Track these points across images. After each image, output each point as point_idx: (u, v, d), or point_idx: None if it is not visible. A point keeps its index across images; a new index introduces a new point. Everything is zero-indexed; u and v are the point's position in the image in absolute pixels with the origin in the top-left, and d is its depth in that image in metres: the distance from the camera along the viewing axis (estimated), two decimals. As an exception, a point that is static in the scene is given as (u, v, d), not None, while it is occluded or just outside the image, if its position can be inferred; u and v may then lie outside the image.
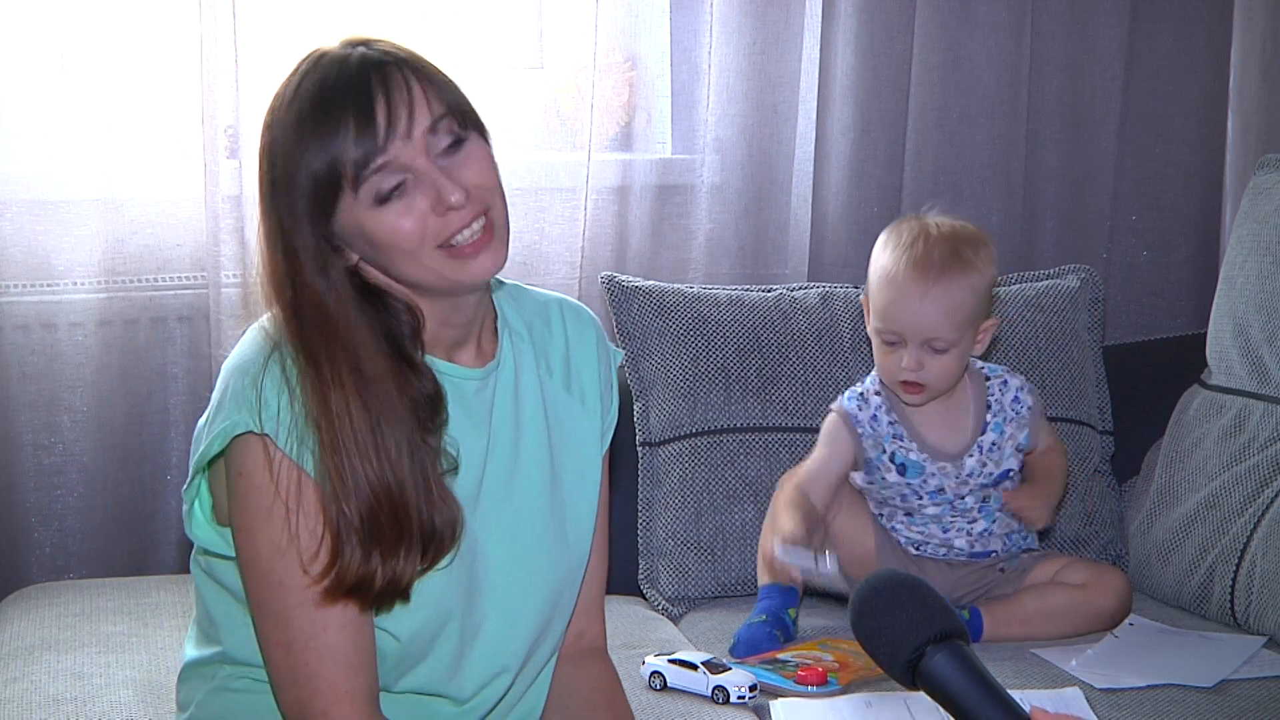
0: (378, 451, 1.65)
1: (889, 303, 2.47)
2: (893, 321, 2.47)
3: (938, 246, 2.46)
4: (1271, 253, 2.70)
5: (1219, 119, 3.26)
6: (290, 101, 1.67)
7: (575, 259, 3.02)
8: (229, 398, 1.68)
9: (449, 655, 1.78)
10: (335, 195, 1.64)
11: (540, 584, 1.84)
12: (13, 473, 2.81)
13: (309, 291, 1.67)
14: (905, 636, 1.31)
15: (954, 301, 2.45)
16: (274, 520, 1.66)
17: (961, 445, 2.53)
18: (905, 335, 2.47)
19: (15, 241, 2.77)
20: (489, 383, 1.81)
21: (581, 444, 1.90)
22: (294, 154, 1.65)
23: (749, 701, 2.25)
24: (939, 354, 2.47)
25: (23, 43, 2.75)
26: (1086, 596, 2.54)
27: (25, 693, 2.18)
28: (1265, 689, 2.31)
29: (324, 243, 1.67)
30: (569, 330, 1.91)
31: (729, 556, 2.70)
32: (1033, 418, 2.57)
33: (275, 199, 1.67)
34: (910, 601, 1.33)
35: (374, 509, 1.65)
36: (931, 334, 2.46)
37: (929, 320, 2.45)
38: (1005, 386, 2.57)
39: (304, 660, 1.68)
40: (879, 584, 1.35)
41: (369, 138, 1.63)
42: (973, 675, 1.29)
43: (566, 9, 3.04)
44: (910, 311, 2.45)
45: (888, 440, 2.53)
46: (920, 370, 2.47)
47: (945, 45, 3.15)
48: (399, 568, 1.67)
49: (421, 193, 1.65)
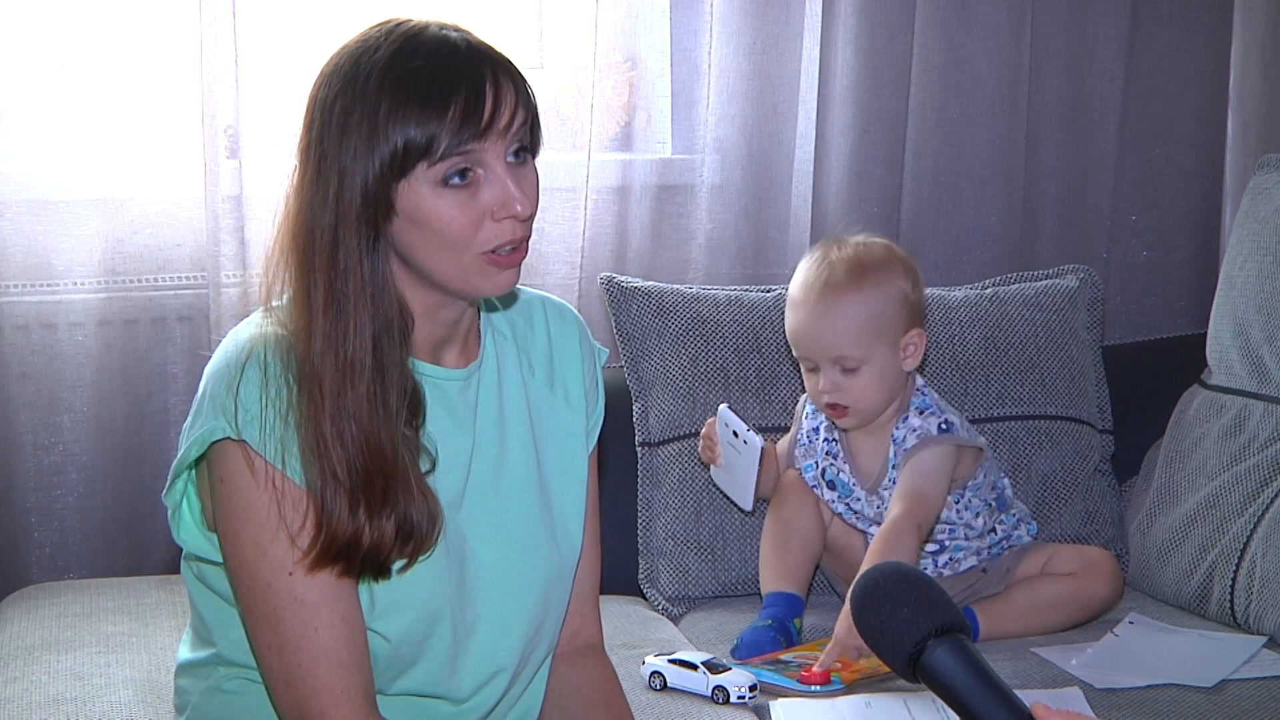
0: (379, 410, 1.66)
1: (793, 326, 2.51)
2: (799, 345, 2.50)
3: (836, 267, 2.47)
4: (1271, 253, 2.70)
5: (1219, 119, 3.26)
6: (390, 61, 1.64)
7: (575, 259, 3.02)
8: (207, 402, 1.69)
9: (443, 656, 1.78)
10: (414, 164, 1.64)
11: (532, 582, 1.84)
12: (13, 473, 2.81)
13: (345, 242, 1.65)
14: (907, 630, 1.31)
15: (852, 318, 2.45)
16: (257, 523, 1.67)
17: (878, 476, 2.53)
18: (814, 357, 2.48)
19: (15, 241, 2.77)
20: (471, 383, 1.81)
21: (566, 441, 1.90)
22: (390, 111, 1.62)
23: (749, 701, 2.25)
24: (852, 373, 2.46)
25: (23, 43, 2.75)
26: (1077, 584, 2.54)
27: (25, 693, 2.18)
28: (1266, 689, 2.31)
29: (383, 202, 1.65)
30: (551, 328, 1.91)
31: (729, 556, 2.70)
32: (904, 460, 2.47)
33: (346, 147, 1.64)
34: (912, 595, 1.33)
35: (366, 465, 1.65)
36: (835, 352, 2.46)
37: (828, 338, 2.46)
38: (905, 422, 2.50)
39: (297, 661, 1.68)
40: (882, 577, 1.35)
41: (472, 123, 1.63)
42: (974, 669, 1.29)
43: (566, 9, 3.04)
44: (811, 331, 2.47)
45: (820, 455, 2.56)
46: (838, 391, 2.47)
47: (945, 45, 3.15)
48: (384, 528, 1.67)
49: (489, 191, 1.66)
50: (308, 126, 1.69)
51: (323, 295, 1.66)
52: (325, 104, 1.66)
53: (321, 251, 1.66)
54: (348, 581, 1.70)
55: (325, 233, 1.65)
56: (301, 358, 1.66)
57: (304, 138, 1.69)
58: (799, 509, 2.57)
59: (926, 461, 2.47)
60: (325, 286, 1.66)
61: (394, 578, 1.73)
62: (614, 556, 2.60)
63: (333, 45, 1.71)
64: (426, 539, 1.71)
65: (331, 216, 1.65)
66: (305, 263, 1.67)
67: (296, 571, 1.67)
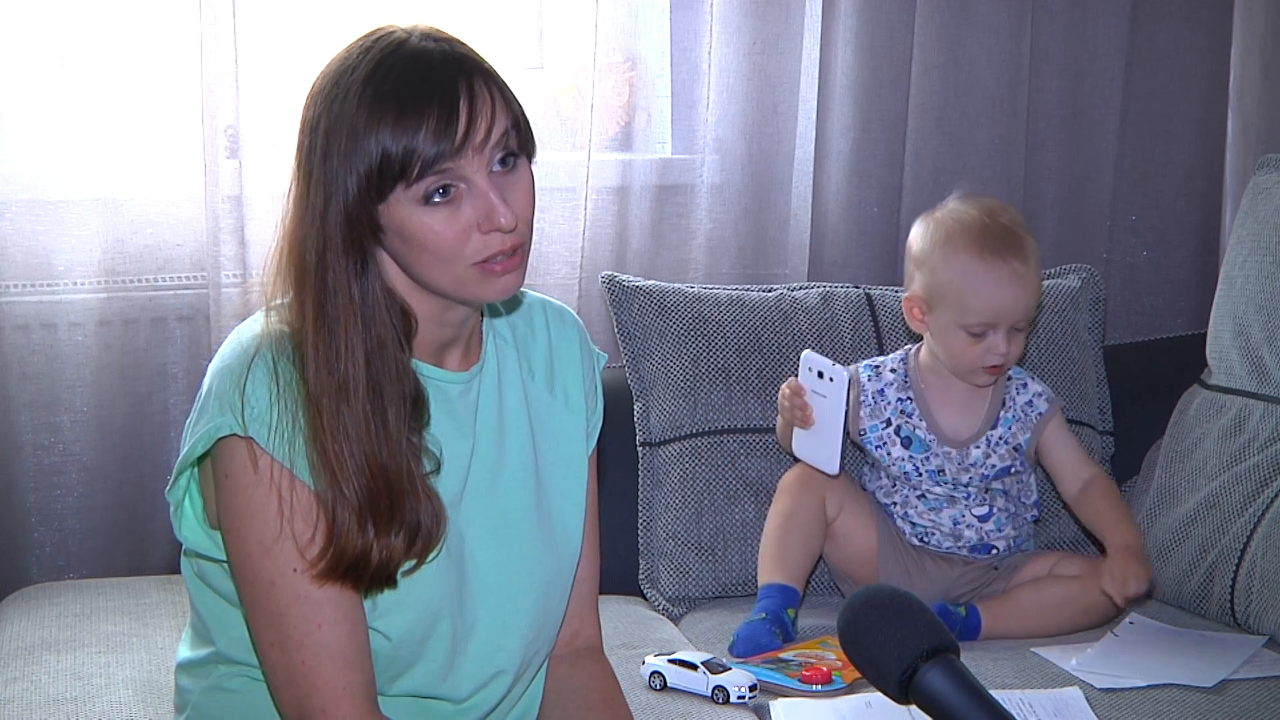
0: (378, 428, 1.66)
1: (991, 295, 2.50)
2: (997, 314, 2.51)
3: (1018, 234, 2.53)
4: (1271, 253, 2.70)
5: (1219, 119, 3.26)
6: (365, 80, 1.64)
7: (575, 259, 3.02)
8: (213, 399, 1.68)
9: (442, 656, 1.79)
10: (392, 186, 1.64)
11: (530, 584, 1.85)
12: (13, 473, 2.81)
13: (334, 265, 1.66)
14: (897, 654, 1.30)
15: (1038, 283, 2.56)
16: (262, 521, 1.67)
17: (970, 434, 2.58)
18: (1002, 322, 2.52)
19: (15, 241, 2.77)
20: (472, 386, 1.81)
21: (566, 444, 1.90)
22: (364, 131, 1.62)
23: (749, 701, 2.25)
24: (1019, 333, 2.54)
25: (23, 43, 2.75)
26: (1082, 588, 2.54)
27: (25, 693, 2.18)
28: (1266, 689, 2.31)
29: (366, 223, 1.65)
30: (552, 332, 1.91)
31: (729, 557, 2.70)
32: (1041, 425, 2.60)
33: (328, 170, 1.64)
34: (900, 618, 1.32)
35: (370, 485, 1.66)
36: (1027, 314, 2.54)
37: (1026, 302, 2.53)
38: (1024, 389, 2.61)
39: (299, 659, 1.68)
40: (866, 601, 1.34)
41: (446, 140, 1.62)
42: (967, 690, 1.29)
43: (566, 9, 3.04)
44: (1012, 299, 2.51)
45: (894, 415, 2.59)
46: (1006, 356, 2.54)
47: (945, 45, 3.15)
48: (392, 545, 1.67)
49: (471, 205, 1.65)
50: (298, 147, 1.70)
51: (313, 316, 1.66)
52: (310, 126, 1.67)
53: (311, 271, 1.66)
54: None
55: (313, 255, 1.66)
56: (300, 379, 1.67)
57: (296, 156, 1.70)
58: (802, 503, 2.57)
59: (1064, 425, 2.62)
60: (315, 307, 1.66)
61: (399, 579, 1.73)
62: (614, 556, 2.60)
63: (333, 45, 1.71)
64: (434, 539, 1.72)
65: (319, 239, 1.66)
66: (299, 280, 1.68)
67: (300, 569, 1.67)
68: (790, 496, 2.59)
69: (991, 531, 2.59)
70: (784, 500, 2.59)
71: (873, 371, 2.63)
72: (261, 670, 1.74)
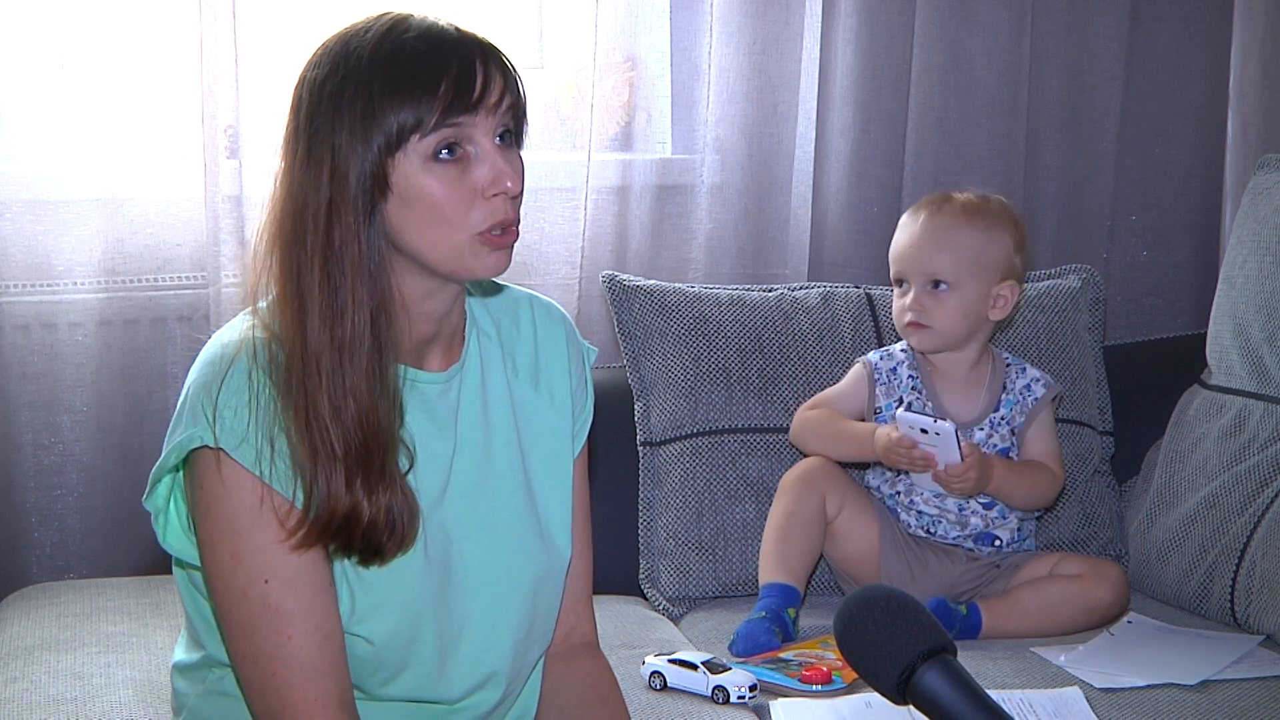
0: (377, 388, 1.66)
1: (898, 243, 2.62)
2: (900, 260, 2.61)
3: (954, 200, 2.63)
4: (1271, 253, 2.70)
5: (1219, 119, 3.26)
6: (380, 41, 1.65)
7: (575, 259, 3.02)
8: (187, 410, 1.69)
9: (431, 659, 1.78)
10: (406, 137, 1.64)
11: (519, 583, 1.84)
12: (13, 473, 2.81)
13: (341, 221, 1.64)
14: (895, 655, 1.30)
15: (954, 242, 2.57)
16: (233, 532, 1.67)
17: (972, 417, 2.61)
18: (909, 272, 2.58)
19: (15, 241, 2.77)
20: (452, 385, 1.80)
21: (552, 442, 1.89)
22: (381, 86, 1.63)
23: (749, 701, 2.25)
24: (939, 296, 2.56)
25: (23, 43, 2.75)
26: (1083, 588, 2.55)
27: (25, 693, 2.18)
28: (1265, 689, 2.31)
29: (377, 177, 1.64)
30: (538, 328, 1.91)
31: (730, 556, 2.70)
32: (1036, 410, 2.63)
33: (338, 125, 1.64)
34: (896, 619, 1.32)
35: (365, 442, 1.65)
36: (930, 267, 2.57)
37: (930, 254, 2.57)
38: (1023, 373, 2.66)
39: (271, 670, 1.68)
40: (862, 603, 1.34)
41: (463, 98, 1.64)
42: (965, 690, 1.29)
43: (566, 9, 3.04)
44: (914, 246, 2.59)
45: (905, 391, 2.62)
46: (921, 311, 2.57)
47: (945, 45, 3.16)
48: (381, 503, 1.66)
49: (479, 169, 1.66)
50: (295, 109, 1.69)
51: (318, 274, 1.65)
52: (314, 85, 1.67)
53: (315, 231, 1.65)
54: (325, 587, 1.70)
55: (320, 211, 1.65)
56: (295, 338, 1.65)
57: (291, 121, 1.69)
58: (802, 502, 2.57)
59: (1050, 421, 2.65)
60: (320, 265, 1.65)
61: (372, 577, 1.72)
62: (614, 556, 2.60)
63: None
64: (407, 535, 1.71)
65: (326, 195, 1.65)
66: (297, 244, 1.66)
67: (273, 579, 1.66)
68: (791, 496, 2.59)
69: (996, 519, 2.59)
70: (784, 499, 2.59)
71: (884, 354, 2.68)
72: (236, 680, 1.74)
